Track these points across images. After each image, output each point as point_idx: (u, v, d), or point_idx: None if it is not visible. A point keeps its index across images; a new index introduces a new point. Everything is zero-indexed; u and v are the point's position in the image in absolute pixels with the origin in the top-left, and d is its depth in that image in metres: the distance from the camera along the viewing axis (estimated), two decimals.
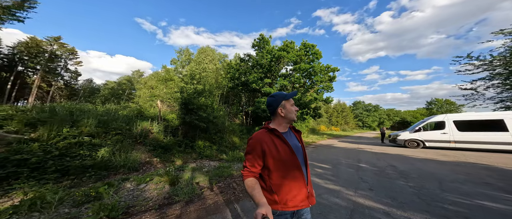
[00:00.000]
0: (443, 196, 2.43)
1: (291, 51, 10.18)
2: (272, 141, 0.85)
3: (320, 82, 11.27)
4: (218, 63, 17.26)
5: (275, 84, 10.66)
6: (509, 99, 10.38)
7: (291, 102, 0.93)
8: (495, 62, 10.16)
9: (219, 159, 5.50)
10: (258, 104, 9.87)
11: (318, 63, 11.35)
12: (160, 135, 5.75)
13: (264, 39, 11.45)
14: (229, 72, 12.59)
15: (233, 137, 8.62)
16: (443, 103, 44.34)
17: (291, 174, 0.82)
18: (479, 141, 6.66)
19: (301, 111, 10.40)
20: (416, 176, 3.41)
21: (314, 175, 3.69)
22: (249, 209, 2.29)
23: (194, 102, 6.40)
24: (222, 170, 3.95)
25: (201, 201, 2.43)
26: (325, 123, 34.48)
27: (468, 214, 1.92)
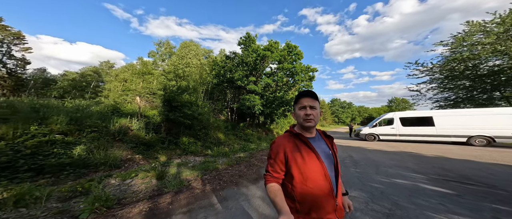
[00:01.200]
0: (375, 177, 3.29)
1: (275, 51, 10.68)
2: (297, 146, 0.80)
3: (301, 81, 12.21)
4: (202, 58, 16.61)
5: (260, 82, 11.09)
6: (442, 100, 13.24)
7: (299, 105, 0.84)
8: (434, 68, 12.74)
9: (204, 154, 5.73)
10: (243, 101, 10.20)
11: (299, 63, 12.19)
12: (141, 132, 5.61)
13: (250, 37, 11.62)
14: (214, 69, 12.44)
15: (218, 133, 8.82)
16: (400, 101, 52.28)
17: (316, 182, 0.75)
18: (416, 134, 8.51)
19: (283, 108, 11.17)
20: (363, 164, 4.36)
21: None
22: (232, 195, 2.71)
23: (178, 99, 6.35)
24: (208, 164, 4.25)
25: (189, 191, 2.74)
26: None
27: (383, 189, 2.72)
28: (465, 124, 7.49)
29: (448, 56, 11.93)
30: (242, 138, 9.37)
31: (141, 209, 2.04)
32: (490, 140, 7.08)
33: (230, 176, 3.59)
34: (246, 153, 6.02)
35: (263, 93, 11.08)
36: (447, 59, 11.94)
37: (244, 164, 4.61)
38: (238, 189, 2.94)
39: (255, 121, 13.04)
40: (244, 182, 3.27)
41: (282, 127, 16.04)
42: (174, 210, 2.12)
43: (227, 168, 4.16)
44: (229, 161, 4.73)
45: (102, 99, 9.94)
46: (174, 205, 2.24)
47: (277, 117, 12.82)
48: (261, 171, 3.96)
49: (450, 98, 12.62)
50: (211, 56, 19.91)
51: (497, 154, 5.42)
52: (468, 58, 10.74)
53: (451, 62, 11.67)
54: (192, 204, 2.33)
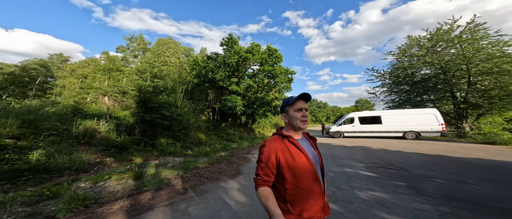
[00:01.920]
0: (331, 168, 4.07)
1: (256, 53, 11.16)
2: (287, 148, 0.80)
3: (281, 83, 13.08)
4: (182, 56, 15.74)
5: (242, 83, 11.41)
6: (390, 101, 16.25)
7: (295, 107, 0.84)
8: (385, 75, 15.53)
9: (184, 155, 5.72)
10: (225, 102, 10.34)
11: (279, 66, 13.02)
12: (110, 134, 5.23)
13: (232, 39, 11.80)
14: (194, 68, 12.12)
15: (199, 133, 8.76)
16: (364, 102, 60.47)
17: (307, 183, 0.77)
18: (370, 130, 10.34)
19: (264, 109, 11.79)
20: (326, 157, 5.23)
21: None
22: (211, 189, 2.99)
23: (155, 100, 6.11)
24: (188, 164, 4.36)
25: (170, 188, 2.89)
26: None
27: (333, 176, 3.45)
28: (401, 122, 9.56)
29: (394, 64, 14.75)
30: (224, 138, 9.52)
31: (121, 205, 2.14)
32: (417, 134, 9.26)
33: (210, 173, 3.83)
34: (228, 152, 6.28)
35: (245, 94, 11.43)
36: (394, 67, 14.74)
37: (225, 162, 4.89)
38: (217, 183, 3.23)
39: (237, 121, 13.30)
40: (223, 177, 3.57)
41: (263, 126, 16.71)
42: (156, 204, 2.29)
43: (208, 166, 4.37)
44: (210, 160, 4.92)
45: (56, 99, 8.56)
46: (155, 200, 2.40)
47: (259, 116, 13.37)
48: (240, 168, 4.30)
49: (395, 100, 15.60)
50: (191, 54, 19.04)
51: (418, 145, 7.21)
52: (408, 67, 13.57)
53: (396, 70, 14.48)
54: (173, 198, 2.53)
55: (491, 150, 6.17)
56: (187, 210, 2.21)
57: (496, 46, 9.99)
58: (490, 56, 9.86)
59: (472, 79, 10.82)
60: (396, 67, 14.39)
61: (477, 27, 10.54)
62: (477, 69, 10.27)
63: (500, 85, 9.87)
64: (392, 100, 15.88)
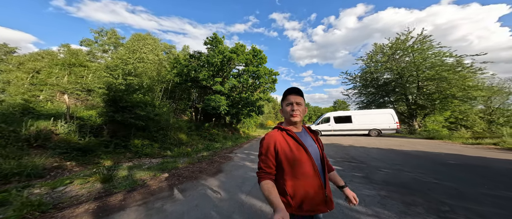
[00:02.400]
0: None
1: (241, 54, 11.24)
2: (286, 140, 0.81)
3: (265, 83, 13.44)
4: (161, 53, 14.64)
5: (226, 83, 11.34)
6: (361, 102, 18.36)
7: (286, 102, 0.86)
8: (356, 78, 17.49)
9: (162, 156, 5.45)
10: (208, 101, 10.14)
11: (264, 67, 13.38)
12: (71, 136, 4.65)
13: (217, 38, 11.63)
14: (175, 66, 11.51)
15: (180, 134, 8.39)
16: (341, 103, 66.32)
17: (305, 176, 0.77)
18: (343, 129, 11.53)
19: (249, 109, 11.95)
20: None
21: (248, 160, 4.93)
22: (191, 187, 2.99)
23: (128, 99, 5.65)
24: (166, 164, 4.21)
25: (145, 188, 2.79)
26: (272, 118, 40.37)
27: None
28: (367, 121, 10.97)
29: (363, 69, 16.76)
30: (207, 138, 9.32)
31: (86, 208, 2.00)
32: (379, 131, 10.75)
33: (190, 172, 3.79)
34: (210, 152, 6.22)
35: (229, 94, 11.39)
36: (363, 71, 16.74)
37: (206, 161, 4.86)
38: (197, 182, 3.24)
39: (221, 121, 13.14)
40: (204, 176, 3.58)
41: (248, 126, 16.87)
42: (128, 204, 2.21)
43: (188, 166, 4.30)
44: (191, 160, 4.83)
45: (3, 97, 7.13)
46: (127, 201, 2.30)
47: (243, 116, 13.46)
48: (222, 166, 4.33)
49: (364, 101, 17.71)
50: (173, 52, 17.91)
51: (378, 141, 8.40)
52: (373, 72, 15.57)
53: (364, 74, 16.48)
54: (148, 198, 2.46)
55: (431, 143, 7.62)
56: (162, 208, 2.20)
57: (437, 56, 12.31)
58: (433, 64, 12.11)
59: (420, 84, 13.10)
60: (365, 72, 16.39)
61: (425, 39, 12.80)
62: (423, 75, 12.49)
63: (439, 90, 12.20)
64: (361, 101, 17.96)
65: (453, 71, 11.40)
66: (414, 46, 13.05)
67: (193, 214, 2.06)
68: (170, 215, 2.03)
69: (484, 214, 1.80)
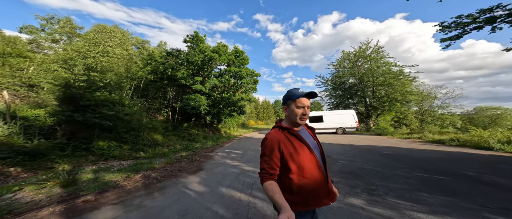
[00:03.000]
0: None
1: (223, 54, 11.23)
2: (289, 140, 0.81)
3: (247, 84, 13.74)
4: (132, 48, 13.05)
5: (207, 82, 11.11)
6: (331, 103, 20.82)
7: (298, 103, 0.83)
8: (328, 81, 19.77)
9: (134, 157, 5.07)
10: (187, 101, 9.75)
11: (246, 68, 13.65)
12: (14, 138, 3.87)
13: (198, 37, 11.25)
14: (149, 63, 10.59)
15: (155, 134, 7.82)
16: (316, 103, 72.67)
17: (311, 173, 0.78)
18: (316, 128, 12.80)
19: (230, 109, 12.01)
20: None
21: (229, 158, 5.11)
22: (170, 184, 3.02)
23: (90, 97, 5.01)
24: (140, 166, 4.00)
25: (118, 189, 2.67)
26: (254, 118, 41.03)
27: None
28: (334, 120, 12.68)
29: (334, 73, 19.11)
30: (185, 138, 8.95)
31: (52, 211, 1.84)
32: (344, 129, 12.57)
33: (169, 172, 3.74)
34: (189, 152, 6.10)
35: (210, 93, 11.20)
36: (333, 75, 19.08)
37: (186, 161, 4.81)
38: (176, 180, 3.27)
39: (202, 120, 12.76)
40: (183, 174, 3.61)
41: (230, 126, 16.80)
42: (102, 204, 2.14)
43: (166, 166, 4.19)
44: (169, 160, 4.69)
45: None
46: (100, 201, 2.21)
47: (225, 116, 13.40)
48: (202, 165, 4.38)
49: (333, 102, 20.18)
50: (146, 47, 16.19)
51: (341, 138, 9.86)
52: (341, 76, 17.93)
53: (334, 78, 18.82)
54: (124, 196, 2.41)
55: (379, 139, 9.43)
56: (142, 204, 2.23)
57: (387, 65, 15.20)
58: (383, 72, 14.89)
59: (375, 88, 15.86)
60: (335, 76, 18.75)
61: (379, 49, 15.60)
62: (377, 81, 15.21)
63: (387, 94, 15.08)
64: (332, 102, 20.40)
65: (396, 79, 14.33)
66: (371, 55, 15.79)
67: (175, 207, 2.17)
68: (151, 210, 2.09)
69: (394, 189, 2.54)
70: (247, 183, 2.96)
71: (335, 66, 18.80)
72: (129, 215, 1.93)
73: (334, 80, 18.97)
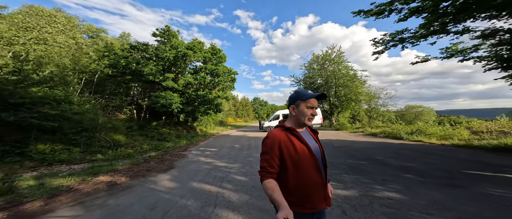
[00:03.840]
0: (253, 155, 5.43)
1: (198, 51, 10.80)
2: (290, 140, 0.81)
3: (225, 82, 13.66)
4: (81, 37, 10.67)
5: (180, 79, 10.49)
6: None
7: (308, 104, 0.84)
8: (300, 81, 21.78)
9: (89, 160, 4.51)
10: (157, 98, 9.01)
11: (223, 66, 13.53)
12: None
13: (170, 31, 10.38)
14: (108, 56, 9.15)
15: (115, 135, 6.98)
16: None
17: (309, 175, 0.78)
18: None
19: (206, 106, 11.76)
20: (253, 147, 6.73)
21: (203, 156, 5.20)
22: (137, 183, 2.98)
23: (23, 94, 4.12)
24: (98, 168, 3.69)
25: (73, 192, 2.50)
26: (233, 115, 40.64)
27: (251, 160, 4.76)
28: None
29: (305, 74, 21.22)
30: (155, 138, 8.32)
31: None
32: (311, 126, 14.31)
33: (135, 172, 3.60)
34: (160, 152, 5.82)
35: (184, 90, 10.64)
36: (305, 76, 21.18)
37: (155, 160, 4.65)
38: (145, 179, 3.23)
39: (174, 119, 11.99)
40: (152, 173, 3.56)
41: (206, 124, 16.31)
42: (56, 207, 2.01)
43: (132, 166, 3.99)
44: (134, 161, 4.44)
45: None
46: (53, 205, 2.06)
47: (201, 114, 12.98)
48: (174, 163, 4.34)
49: None
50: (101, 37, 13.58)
51: None
52: (311, 77, 20.08)
53: (306, 78, 20.91)
54: (82, 198, 2.31)
55: (336, 133, 11.26)
56: (105, 203, 2.21)
57: (345, 69, 18.00)
58: (342, 75, 17.60)
59: (336, 89, 18.57)
60: (306, 76, 20.85)
61: (341, 54, 18.26)
62: (338, 82, 17.84)
63: (345, 94, 17.95)
64: None
65: (352, 81, 17.26)
66: (335, 59, 18.37)
67: (143, 203, 2.26)
68: (117, 207, 2.12)
69: (330, 174, 3.26)
70: (218, 177, 3.23)
71: (306, 68, 20.90)
72: (93, 214, 1.93)
73: (305, 81, 21.07)
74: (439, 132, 6.33)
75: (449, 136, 5.82)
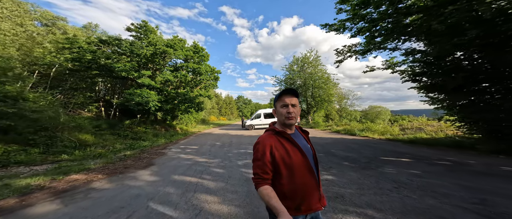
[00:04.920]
0: (232, 151, 5.88)
1: (179, 49, 10.45)
2: (281, 143, 0.81)
3: (207, 80, 13.55)
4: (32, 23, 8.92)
5: (158, 76, 10.02)
6: None
7: (280, 103, 0.84)
8: (281, 82, 23.13)
9: (53, 161, 4.20)
10: (131, 96, 8.46)
11: (206, 64, 13.39)
12: None
13: (147, 27, 9.73)
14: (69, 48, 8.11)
15: (81, 134, 6.41)
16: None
17: (303, 177, 0.78)
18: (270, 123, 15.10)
19: (186, 105, 11.53)
20: (234, 144, 7.15)
21: (184, 153, 5.36)
22: (117, 179, 3.09)
23: None
24: (68, 168, 3.57)
25: (47, 189, 2.51)
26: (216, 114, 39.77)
27: (231, 156, 5.15)
28: None
29: (286, 75, 22.67)
30: (128, 137, 7.88)
31: None
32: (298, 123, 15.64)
33: (112, 170, 3.63)
34: (136, 151, 5.70)
35: (162, 88, 10.21)
36: (286, 76, 22.61)
37: (132, 159, 4.64)
38: (124, 175, 3.34)
39: (151, 117, 11.38)
40: (131, 170, 3.65)
41: (187, 122, 15.84)
42: (34, 203, 2.08)
43: (106, 165, 3.96)
44: (108, 160, 4.36)
45: None
46: (29, 201, 2.12)
47: (181, 113, 12.61)
48: (153, 161, 4.43)
49: None
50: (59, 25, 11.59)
51: None
52: (292, 78, 21.68)
53: (287, 79, 22.34)
54: (60, 194, 2.38)
55: (312, 131, 12.54)
56: (87, 196, 2.36)
57: (320, 72, 20.03)
58: (318, 77, 19.57)
59: (312, 90, 20.49)
60: (287, 77, 22.29)
61: (317, 58, 20.17)
62: (315, 84, 19.75)
63: (319, 95, 20.01)
64: None
65: (325, 83, 19.40)
66: (312, 62, 20.23)
67: (127, 193, 2.49)
68: (101, 198, 2.30)
69: None
70: (198, 170, 3.56)
71: (287, 69, 22.36)
72: (79, 204, 2.09)
73: (286, 81, 22.52)
74: (380, 129, 8.03)
75: (386, 132, 7.49)
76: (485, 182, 2.59)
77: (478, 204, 1.99)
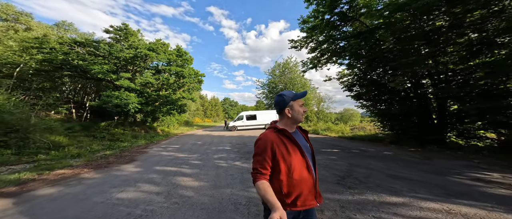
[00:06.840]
0: (212, 149, 6.55)
1: (162, 53, 10.57)
2: (282, 141, 0.84)
3: (191, 83, 13.79)
4: None
5: (137, 78, 10.02)
6: (267, 104, 26.00)
7: (299, 103, 0.89)
8: (265, 86, 24.58)
9: (28, 161, 4.31)
10: (109, 98, 8.39)
11: (189, 68, 13.64)
12: None
13: (128, 30, 9.70)
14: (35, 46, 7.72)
15: (52, 136, 6.30)
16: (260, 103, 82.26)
17: (301, 175, 0.81)
18: (251, 124, 16.14)
19: (168, 107, 11.67)
20: (214, 143, 7.85)
21: (165, 151, 5.82)
22: (103, 172, 3.56)
23: None
24: (50, 165, 3.85)
25: (41, 181, 2.92)
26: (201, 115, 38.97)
27: (209, 153, 5.85)
28: (264, 118, 16.60)
29: (269, 79, 24.15)
30: (105, 139, 7.85)
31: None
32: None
33: (95, 166, 4.01)
34: (115, 151, 5.94)
35: (142, 90, 10.23)
36: (269, 81, 24.08)
37: (113, 157, 4.98)
38: (109, 168, 3.81)
39: (129, 119, 11.19)
40: (115, 165, 4.09)
41: (169, 124, 15.67)
42: (36, 187, 2.53)
43: (88, 163, 4.27)
44: (89, 158, 4.65)
45: None
46: (29, 188, 2.55)
47: (163, 115, 12.60)
48: (135, 157, 4.85)
49: (268, 104, 25.44)
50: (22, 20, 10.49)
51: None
52: (274, 82, 23.13)
53: (269, 83, 23.84)
54: (55, 183, 2.84)
55: None
56: (81, 182, 2.89)
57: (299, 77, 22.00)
58: (297, 82, 21.57)
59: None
60: (270, 81, 23.81)
61: (297, 63, 22.14)
62: (294, 89, 21.65)
63: None
64: (267, 103, 25.53)
65: (303, 88, 21.51)
66: (292, 68, 22.18)
67: (116, 180, 3.07)
68: (94, 183, 2.85)
69: None
70: (178, 163, 4.22)
71: (269, 73, 23.90)
72: (77, 187, 2.62)
73: (269, 85, 24.02)
74: (336, 128, 9.80)
75: (340, 131, 9.24)
76: (364, 161, 3.96)
77: (344, 171, 3.25)
